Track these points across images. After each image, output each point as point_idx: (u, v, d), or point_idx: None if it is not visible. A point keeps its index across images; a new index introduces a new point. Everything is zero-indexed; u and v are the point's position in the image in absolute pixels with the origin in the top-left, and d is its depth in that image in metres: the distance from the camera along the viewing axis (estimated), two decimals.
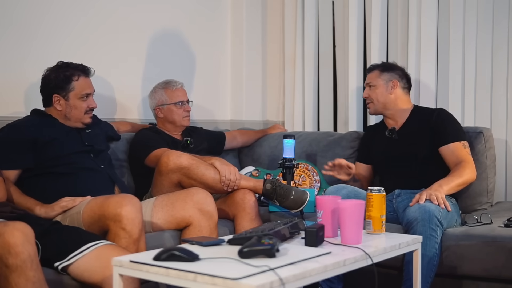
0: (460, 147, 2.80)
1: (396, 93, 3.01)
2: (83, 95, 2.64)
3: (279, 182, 2.77)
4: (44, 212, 2.37)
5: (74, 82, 2.62)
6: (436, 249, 2.41)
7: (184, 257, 1.67)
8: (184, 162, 2.67)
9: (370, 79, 3.07)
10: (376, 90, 3.02)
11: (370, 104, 3.06)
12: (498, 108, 3.23)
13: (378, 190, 2.14)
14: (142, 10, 3.46)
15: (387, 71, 3.04)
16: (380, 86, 3.01)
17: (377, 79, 3.03)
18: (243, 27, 3.99)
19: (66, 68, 2.62)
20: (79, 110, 2.63)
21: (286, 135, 2.97)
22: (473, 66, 3.27)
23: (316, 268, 1.66)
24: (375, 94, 3.02)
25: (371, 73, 3.08)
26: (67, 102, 2.62)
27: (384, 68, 3.07)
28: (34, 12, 2.92)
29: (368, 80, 3.07)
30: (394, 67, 3.08)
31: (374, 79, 3.04)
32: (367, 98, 3.07)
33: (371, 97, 3.04)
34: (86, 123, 2.68)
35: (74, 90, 2.62)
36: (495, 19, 3.21)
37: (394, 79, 3.02)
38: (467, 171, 2.73)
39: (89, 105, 2.66)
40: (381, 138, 3.04)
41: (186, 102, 3.22)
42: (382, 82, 3.02)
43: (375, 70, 3.08)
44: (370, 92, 3.05)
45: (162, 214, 2.53)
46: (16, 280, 1.79)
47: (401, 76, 3.05)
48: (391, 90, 3.00)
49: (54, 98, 2.62)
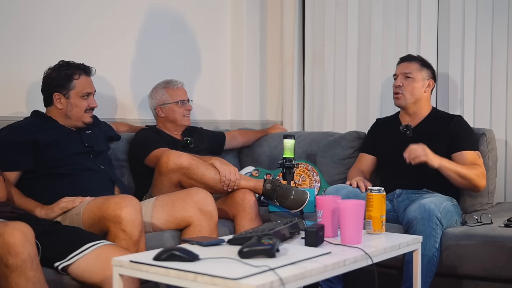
0: (474, 156, 2.79)
1: (427, 93, 2.95)
2: (84, 94, 2.64)
3: (279, 182, 2.77)
4: (44, 213, 2.36)
5: (75, 80, 2.62)
6: (436, 248, 2.41)
7: (184, 257, 1.67)
8: (184, 162, 2.67)
9: (409, 69, 2.93)
10: (414, 83, 2.91)
11: (401, 95, 2.92)
12: (498, 109, 3.22)
13: (378, 190, 2.14)
14: (142, 10, 3.46)
15: (426, 68, 2.95)
16: (419, 81, 2.91)
17: (417, 72, 2.92)
18: (243, 28, 3.99)
19: (68, 67, 2.63)
20: (80, 108, 2.64)
21: (286, 135, 2.96)
22: (473, 66, 3.27)
23: (316, 268, 1.66)
24: (411, 87, 2.90)
25: (411, 64, 2.95)
26: (68, 100, 2.62)
27: (424, 63, 2.96)
28: (34, 12, 2.92)
29: (407, 70, 2.93)
30: (431, 66, 3.00)
31: (415, 72, 2.92)
32: (400, 88, 2.92)
33: (406, 88, 2.91)
34: (87, 122, 2.68)
35: (75, 89, 2.62)
36: (495, 19, 3.21)
37: (431, 78, 2.95)
38: (476, 172, 2.72)
39: (89, 104, 2.66)
40: (392, 132, 2.96)
41: (187, 101, 3.22)
42: (421, 77, 2.92)
43: (415, 62, 2.95)
44: (406, 83, 2.91)
45: (162, 214, 2.53)
46: (16, 280, 1.79)
47: (434, 77, 2.99)
48: (426, 89, 2.93)
49: (55, 97, 2.62)
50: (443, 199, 2.59)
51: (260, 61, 4.08)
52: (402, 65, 2.99)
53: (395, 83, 2.96)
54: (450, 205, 2.60)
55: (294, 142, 2.93)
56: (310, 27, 3.83)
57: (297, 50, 3.87)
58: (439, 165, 2.67)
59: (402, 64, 3.00)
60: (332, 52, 3.74)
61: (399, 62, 3.04)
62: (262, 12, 4.06)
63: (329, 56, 3.75)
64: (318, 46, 3.80)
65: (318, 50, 3.80)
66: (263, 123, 4.04)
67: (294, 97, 3.87)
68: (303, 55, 3.89)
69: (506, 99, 3.20)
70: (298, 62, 3.88)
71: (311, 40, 3.82)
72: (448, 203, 2.59)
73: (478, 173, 2.74)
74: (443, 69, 3.37)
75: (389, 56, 3.52)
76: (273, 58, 4.06)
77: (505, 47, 3.19)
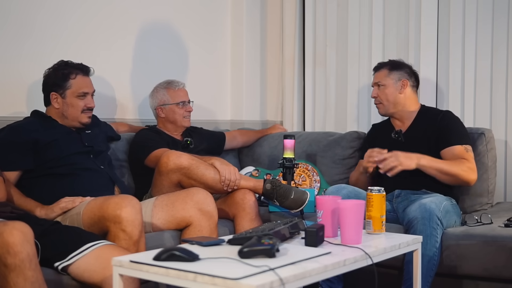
0: (462, 150, 2.76)
1: (406, 92, 2.94)
2: (80, 94, 2.63)
3: (279, 182, 2.77)
4: (44, 213, 2.36)
5: (71, 80, 2.62)
6: (437, 248, 2.41)
7: (184, 257, 1.67)
8: (184, 162, 2.67)
9: (378, 78, 2.98)
10: (386, 90, 2.94)
11: (380, 105, 2.98)
12: (498, 108, 3.22)
13: (378, 190, 2.14)
14: (142, 10, 3.46)
15: (396, 70, 2.96)
16: (390, 86, 2.94)
17: (386, 78, 2.95)
18: (243, 28, 3.99)
19: (65, 67, 2.63)
20: (76, 108, 2.63)
21: (286, 135, 2.96)
22: (473, 66, 3.27)
23: (316, 268, 1.66)
24: (384, 94, 2.94)
25: (379, 72, 2.99)
26: (64, 100, 2.62)
27: (392, 66, 2.98)
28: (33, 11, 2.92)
29: (377, 79, 2.98)
30: (403, 65, 3.00)
31: (383, 78, 2.95)
32: (376, 99, 2.98)
33: (380, 97, 2.95)
34: (84, 122, 2.66)
35: (71, 88, 2.62)
36: (495, 19, 3.21)
37: (403, 78, 2.95)
38: (462, 167, 2.69)
39: (86, 104, 2.64)
40: (386, 138, 2.98)
41: (187, 103, 3.22)
42: (392, 81, 2.94)
43: (383, 69, 2.99)
44: (379, 92, 2.96)
45: (162, 214, 2.53)
46: (14, 279, 1.78)
47: (410, 74, 2.98)
48: (401, 90, 2.93)
49: (52, 96, 2.62)
50: (443, 199, 2.59)
51: (260, 61, 4.07)
52: (374, 75, 3.04)
53: (371, 94, 3.02)
54: (449, 205, 2.60)
55: (294, 142, 2.93)
56: (311, 27, 3.82)
57: (298, 50, 3.87)
58: (417, 165, 2.67)
59: (374, 74, 3.05)
60: (334, 52, 3.74)
61: (373, 73, 3.08)
62: (262, 12, 4.06)
63: (330, 56, 3.75)
64: (319, 46, 3.80)
65: (319, 50, 3.80)
66: (263, 123, 4.04)
67: (295, 97, 3.87)
68: (303, 55, 3.89)
69: (506, 99, 3.20)
70: (298, 62, 3.87)
71: (312, 40, 3.82)
72: (447, 202, 2.59)
73: (464, 168, 2.70)
74: (443, 69, 3.37)
75: (390, 56, 3.51)
76: (273, 58, 4.06)
77: (505, 47, 3.19)
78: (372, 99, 3.57)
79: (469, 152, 2.77)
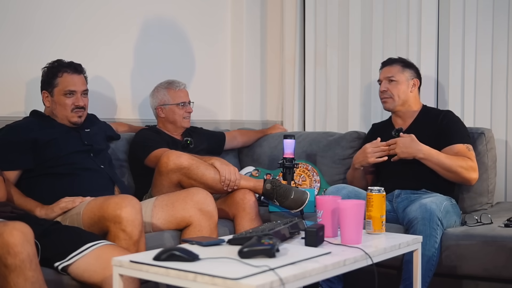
0: (464, 149, 2.76)
1: (414, 92, 2.96)
2: (67, 92, 2.60)
3: (279, 182, 2.77)
4: (44, 213, 2.36)
5: (58, 78, 2.61)
6: (436, 248, 2.41)
7: (184, 257, 1.67)
8: (184, 162, 2.67)
9: (391, 72, 2.95)
10: (399, 85, 2.93)
11: (389, 99, 2.95)
12: (498, 108, 3.22)
13: (378, 190, 2.14)
14: (141, 9, 3.46)
15: (409, 68, 2.97)
16: (403, 83, 2.93)
17: (400, 74, 2.94)
18: (243, 28, 3.99)
19: (55, 65, 2.63)
20: (63, 107, 2.61)
21: (286, 135, 2.96)
22: (473, 66, 3.27)
23: (316, 268, 1.66)
24: (396, 90, 2.93)
25: (392, 67, 2.97)
26: (52, 98, 2.62)
27: (405, 64, 2.99)
28: (31, 10, 2.92)
29: (390, 74, 2.96)
30: (413, 65, 3.02)
31: (397, 74, 2.94)
32: (385, 92, 2.95)
33: (392, 92, 2.93)
34: (73, 121, 2.64)
35: (57, 86, 2.61)
36: (495, 19, 3.21)
37: (415, 77, 2.96)
38: (463, 165, 2.70)
39: (74, 102, 2.61)
40: (388, 136, 2.95)
41: (188, 103, 3.21)
42: (405, 78, 2.94)
43: (396, 64, 2.98)
44: (390, 87, 2.94)
45: (162, 214, 2.53)
46: (15, 280, 1.78)
47: (418, 75, 3.00)
48: (412, 89, 2.94)
49: (43, 95, 2.63)
50: (443, 199, 2.59)
51: (260, 61, 4.07)
52: (384, 69, 3.01)
53: (380, 88, 2.99)
54: (449, 205, 2.60)
55: (294, 142, 2.93)
56: (311, 27, 3.82)
57: (298, 49, 3.86)
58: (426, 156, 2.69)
59: (384, 68, 3.02)
60: (335, 52, 3.74)
61: (381, 67, 3.06)
62: (263, 12, 4.06)
63: (331, 56, 3.75)
64: (320, 46, 3.80)
65: (320, 50, 3.80)
66: (263, 123, 4.04)
67: (295, 97, 3.87)
68: (303, 55, 3.89)
69: (506, 99, 3.20)
70: (298, 62, 3.87)
71: (312, 40, 3.82)
72: (447, 203, 2.59)
73: (465, 166, 2.71)
74: (443, 69, 3.37)
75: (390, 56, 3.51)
76: (274, 58, 4.06)
77: (505, 47, 3.19)
78: (372, 98, 3.58)
79: (470, 151, 2.78)
